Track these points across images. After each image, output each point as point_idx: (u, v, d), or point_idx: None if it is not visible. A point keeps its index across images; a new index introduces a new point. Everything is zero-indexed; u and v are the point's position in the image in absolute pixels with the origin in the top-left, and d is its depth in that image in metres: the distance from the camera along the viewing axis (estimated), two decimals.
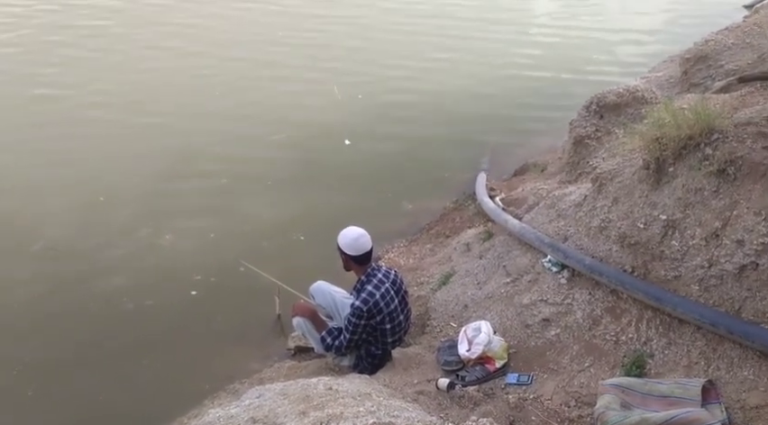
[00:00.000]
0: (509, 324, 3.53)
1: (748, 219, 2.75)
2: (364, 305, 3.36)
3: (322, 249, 4.66)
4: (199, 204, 5.63)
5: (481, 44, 9.40)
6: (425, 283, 4.39)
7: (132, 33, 9.52)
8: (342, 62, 8.64)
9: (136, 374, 3.96)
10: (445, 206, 5.61)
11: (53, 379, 3.90)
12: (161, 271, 4.83)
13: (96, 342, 4.19)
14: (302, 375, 3.58)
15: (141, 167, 6.14)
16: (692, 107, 3.15)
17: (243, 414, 2.45)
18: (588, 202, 3.66)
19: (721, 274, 2.80)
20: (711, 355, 2.81)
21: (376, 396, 2.67)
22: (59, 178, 5.94)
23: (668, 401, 2.67)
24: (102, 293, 4.60)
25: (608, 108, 4.73)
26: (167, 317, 4.41)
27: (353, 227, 3.51)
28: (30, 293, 4.58)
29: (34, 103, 7.36)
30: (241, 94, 7.70)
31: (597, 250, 3.41)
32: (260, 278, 4.33)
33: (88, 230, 5.29)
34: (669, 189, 3.10)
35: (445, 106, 7.51)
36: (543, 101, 7.64)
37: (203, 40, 9.32)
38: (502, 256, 4.08)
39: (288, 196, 5.75)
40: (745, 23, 6.13)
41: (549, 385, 3.06)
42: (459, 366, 3.33)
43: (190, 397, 3.71)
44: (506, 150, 6.53)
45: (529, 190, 4.84)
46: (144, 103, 7.42)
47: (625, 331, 3.12)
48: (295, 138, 6.70)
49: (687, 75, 5.80)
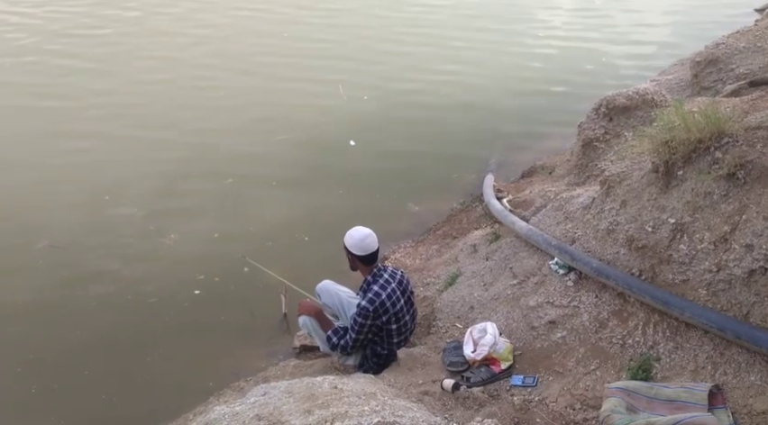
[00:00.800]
0: (515, 326, 3.53)
1: (757, 223, 2.73)
2: (370, 305, 3.37)
3: (326, 249, 4.69)
4: (205, 204, 5.65)
5: (491, 47, 9.40)
6: (432, 283, 4.39)
7: (136, 38, 9.57)
8: (348, 62, 8.66)
9: (141, 371, 3.98)
10: (452, 207, 5.61)
11: (57, 376, 3.92)
12: (166, 270, 4.84)
13: (101, 339, 4.21)
14: (307, 373, 3.59)
15: (145, 167, 6.16)
16: (702, 111, 3.14)
17: (248, 412, 2.46)
18: (596, 204, 3.65)
19: (729, 278, 2.79)
20: (718, 359, 2.80)
21: (381, 396, 2.67)
22: (64, 177, 5.98)
23: (674, 405, 2.65)
24: (107, 291, 4.62)
25: (617, 111, 4.71)
26: (172, 315, 4.42)
27: (360, 227, 3.51)
28: (33, 291, 4.60)
29: (43, 104, 7.41)
30: (245, 95, 7.73)
31: (604, 253, 3.40)
32: (266, 278, 4.34)
33: (93, 228, 5.31)
34: (678, 193, 3.08)
35: (454, 108, 7.51)
36: (551, 103, 7.64)
37: (207, 43, 9.35)
38: (509, 257, 4.07)
39: (293, 197, 5.77)
40: (757, 27, 6.10)
41: (554, 388, 3.05)
42: (464, 366, 3.32)
43: (196, 394, 3.72)
44: (514, 152, 6.53)
45: (537, 192, 4.83)
46: (149, 105, 7.45)
47: (631, 335, 3.11)
48: (300, 139, 6.72)
49: (697, 78, 5.78)
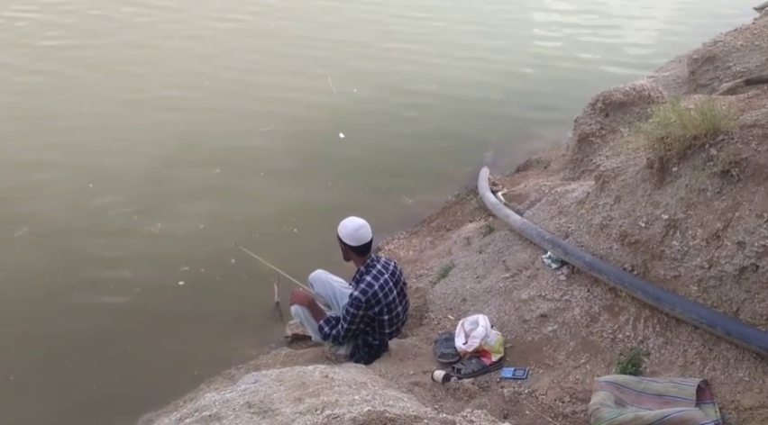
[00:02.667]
0: (507, 319, 3.54)
1: (750, 221, 2.74)
2: (363, 296, 3.37)
3: (318, 240, 4.68)
4: (193, 194, 5.59)
5: (486, 40, 9.37)
6: (425, 275, 4.39)
7: (131, 32, 9.44)
8: (336, 53, 8.57)
9: (132, 358, 3.97)
10: (447, 200, 5.62)
11: (43, 364, 3.89)
12: (152, 259, 4.80)
13: (88, 327, 4.18)
14: (299, 362, 3.59)
15: (132, 155, 6.09)
16: (698, 108, 3.14)
17: (239, 398, 2.46)
18: (590, 199, 3.65)
19: (721, 275, 2.80)
20: (707, 355, 2.82)
21: (371, 385, 2.67)
22: (47, 164, 5.90)
23: (662, 399, 2.67)
24: (92, 279, 4.58)
25: (613, 106, 4.71)
26: (164, 303, 4.41)
27: (354, 217, 3.50)
28: (17, 280, 4.52)
29: (32, 89, 7.34)
30: (231, 85, 7.64)
31: (597, 248, 3.41)
32: (257, 267, 4.33)
33: (76, 215, 5.24)
34: (672, 189, 3.09)
35: (449, 100, 7.50)
36: (548, 98, 7.63)
37: (198, 33, 9.24)
38: (502, 251, 4.08)
39: (283, 188, 5.73)
40: (755, 26, 6.09)
41: (544, 380, 3.07)
42: (455, 358, 3.33)
43: (186, 381, 3.71)
44: (509, 146, 6.53)
45: (531, 186, 4.83)
46: (135, 95, 7.35)
47: (622, 329, 3.12)
48: (289, 130, 6.65)
49: (694, 75, 5.78)
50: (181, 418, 2.48)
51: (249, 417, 2.28)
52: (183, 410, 2.61)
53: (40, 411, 3.62)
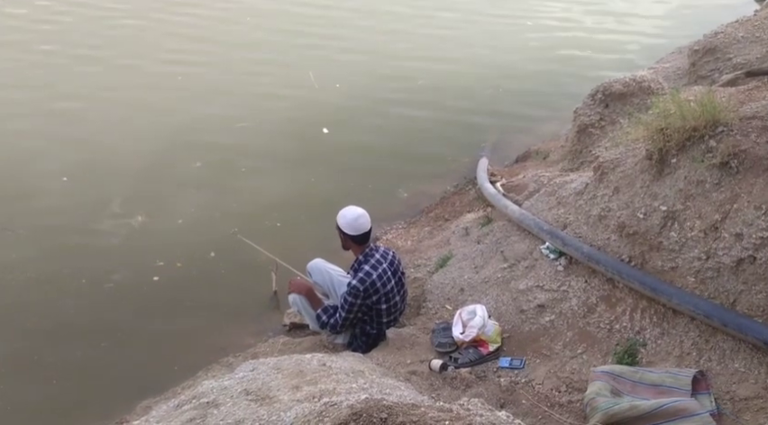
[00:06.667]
0: (504, 309, 3.55)
1: (748, 213, 2.75)
2: (361, 285, 3.37)
3: (317, 230, 4.66)
4: (181, 186, 5.54)
5: (485, 30, 9.29)
6: (423, 265, 4.40)
7: (121, 26, 9.17)
8: (320, 50, 8.34)
9: (130, 345, 3.98)
10: (446, 190, 5.61)
11: (46, 351, 3.90)
12: (154, 249, 4.78)
13: (88, 314, 4.19)
14: (296, 351, 3.60)
15: (113, 150, 6.01)
16: (698, 99, 3.14)
17: (237, 386, 2.47)
18: (588, 190, 3.65)
19: (718, 266, 2.81)
20: (704, 346, 2.83)
21: (369, 374, 2.69)
22: (26, 155, 5.82)
23: (658, 389, 2.69)
24: (94, 266, 4.58)
25: (613, 97, 4.70)
26: (163, 291, 4.41)
27: (353, 207, 3.50)
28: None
29: (21, 85, 7.21)
30: (214, 81, 7.48)
31: (595, 239, 3.41)
32: (256, 255, 4.33)
33: (53, 209, 5.19)
34: (670, 180, 3.09)
35: (450, 91, 7.44)
36: (547, 88, 7.58)
37: (178, 31, 8.97)
38: (500, 241, 4.08)
39: (288, 176, 5.71)
40: (756, 17, 6.07)
41: (541, 370, 3.08)
42: (452, 348, 3.35)
43: (184, 369, 3.72)
44: (508, 137, 6.50)
45: (530, 177, 4.82)
46: (121, 88, 7.20)
47: (619, 320, 3.13)
48: (272, 124, 6.53)
49: (695, 67, 5.76)
50: (179, 404, 2.49)
51: (246, 404, 2.30)
52: (181, 396, 2.63)
53: (37, 396, 3.64)
